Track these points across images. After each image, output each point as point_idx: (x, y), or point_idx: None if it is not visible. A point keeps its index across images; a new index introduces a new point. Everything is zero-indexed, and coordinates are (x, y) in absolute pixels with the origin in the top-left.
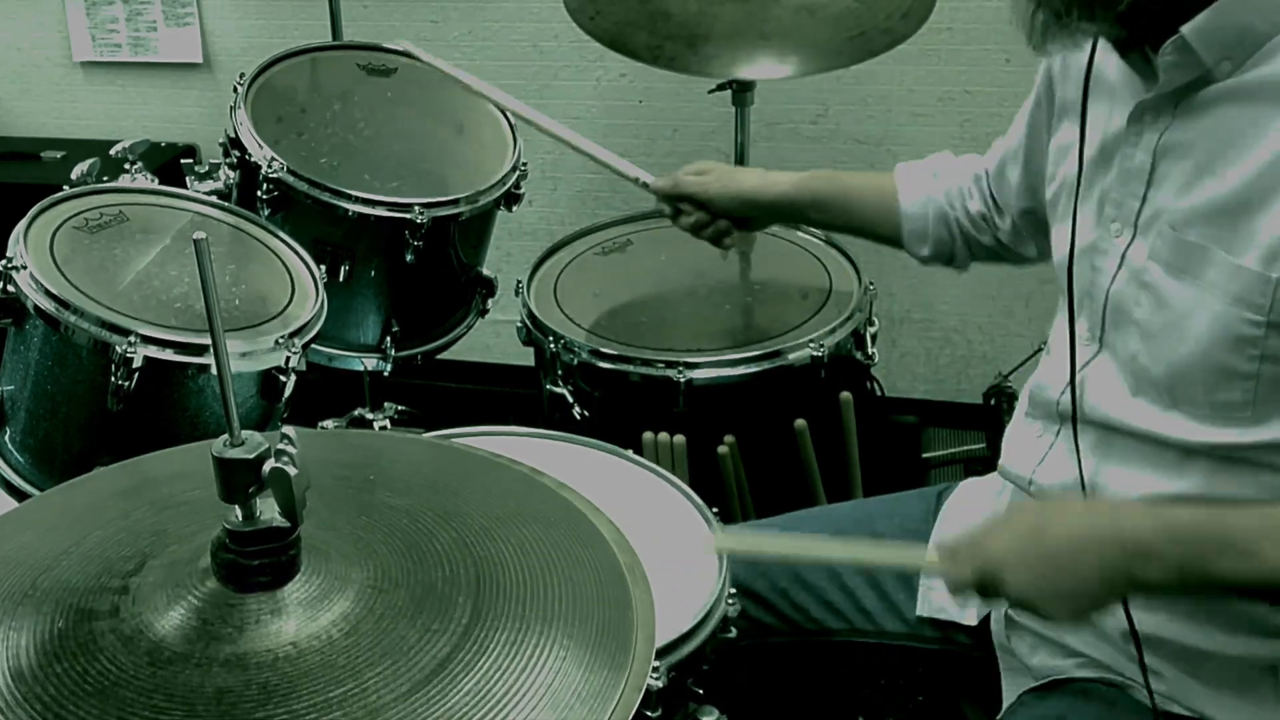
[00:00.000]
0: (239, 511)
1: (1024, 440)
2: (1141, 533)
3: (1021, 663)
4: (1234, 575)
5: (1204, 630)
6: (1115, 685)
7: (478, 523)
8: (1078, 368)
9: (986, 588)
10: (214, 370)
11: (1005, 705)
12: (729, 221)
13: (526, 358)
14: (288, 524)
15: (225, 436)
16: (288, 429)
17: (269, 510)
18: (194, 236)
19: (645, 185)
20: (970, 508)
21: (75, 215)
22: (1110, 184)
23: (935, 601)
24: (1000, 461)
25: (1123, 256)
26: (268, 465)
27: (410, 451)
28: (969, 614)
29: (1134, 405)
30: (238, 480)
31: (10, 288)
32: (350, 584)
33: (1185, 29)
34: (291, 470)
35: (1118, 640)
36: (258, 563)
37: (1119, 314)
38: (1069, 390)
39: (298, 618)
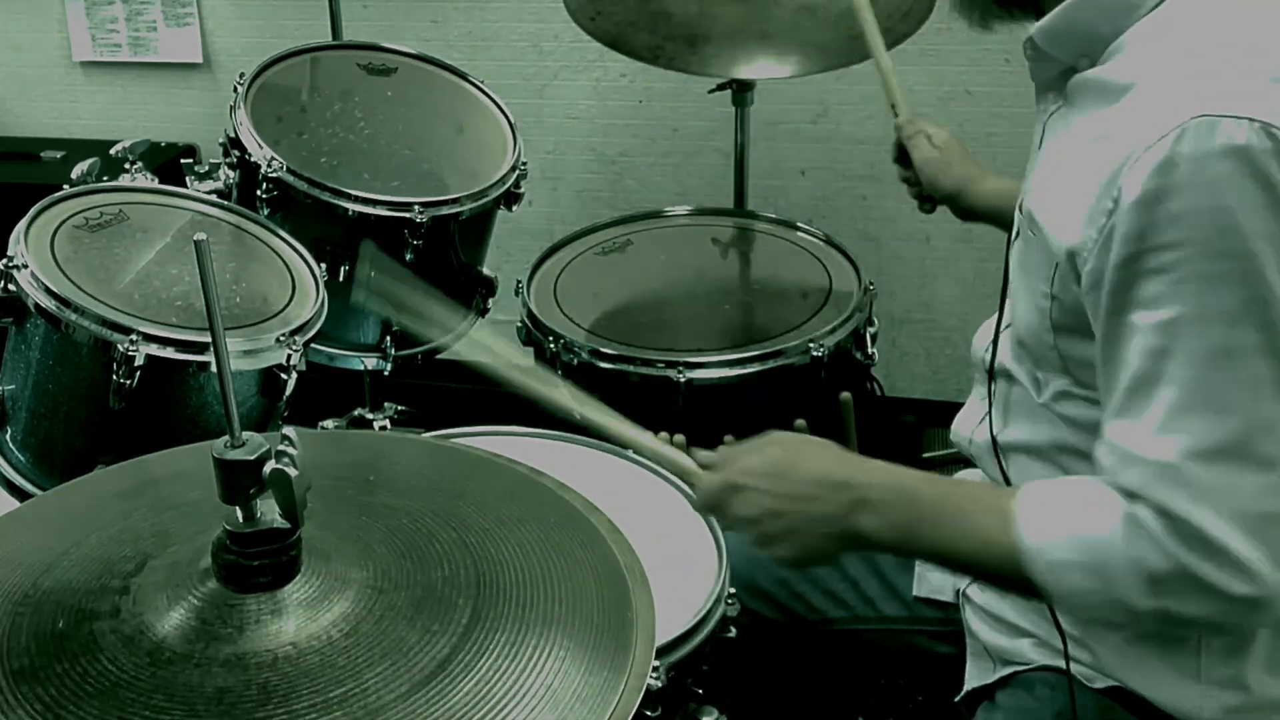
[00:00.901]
0: (240, 512)
1: (970, 404)
2: (873, 486)
3: (980, 644)
4: (936, 541)
5: None
6: (1055, 669)
7: (478, 524)
8: (1001, 328)
9: (722, 506)
10: (215, 369)
11: (965, 688)
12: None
13: (526, 358)
14: (288, 525)
15: (226, 438)
16: (288, 430)
17: (270, 511)
18: (195, 237)
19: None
20: None
21: (76, 214)
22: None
23: (932, 582)
24: (951, 429)
25: (1018, 228)
26: (268, 466)
27: (410, 452)
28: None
29: (1019, 369)
30: (238, 481)
31: (11, 286)
32: (350, 585)
33: (1033, 30)
34: (292, 471)
35: (1050, 615)
36: (258, 563)
37: (1011, 287)
38: (989, 350)
39: (298, 618)
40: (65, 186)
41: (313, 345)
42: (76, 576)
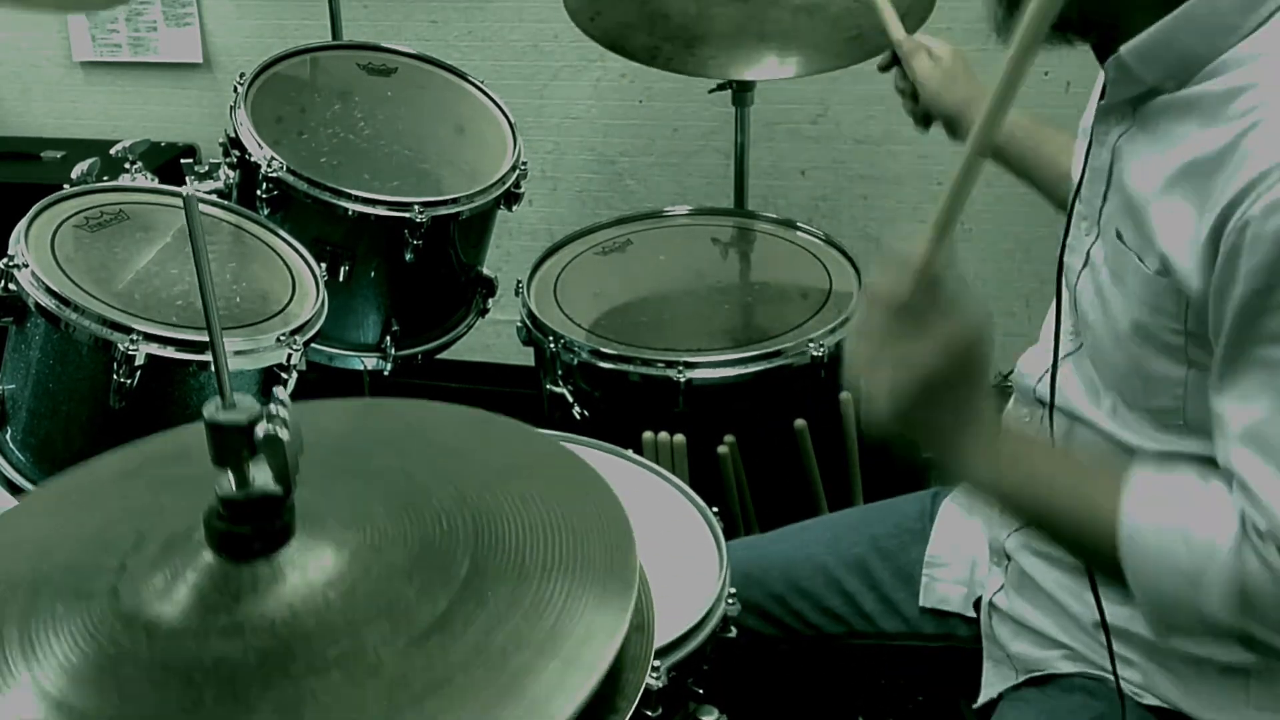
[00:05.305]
0: (232, 477)
1: (1014, 422)
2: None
3: (1003, 651)
4: (1042, 474)
5: None
6: (1094, 678)
7: (476, 477)
8: (1059, 360)
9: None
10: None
11: (983, 696)
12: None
13: (526, 358)
14: (281, 489)
15: (217, 399)
16: (279, 391)
17: (262, 476)
18: (183, 193)
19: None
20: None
21: (76, 214)
22: (1084, 181)
23: (938, 592)
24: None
25: (1087, 255)
26: (260, 429)
27: (405, 412)
28: (969, 603)
29: (1091, 403)
30: (230, 445)
31: (11, 286)
32: (346, 546)
33: (1123, 50)
34: (284, 434)
35: (1091, 630)
36: (251, 529)
37: (1081, 313)
38: (1045, 380)
39: (294, 582)
40: (65, 186)
41: (313, 345)
42: (74, 559)
